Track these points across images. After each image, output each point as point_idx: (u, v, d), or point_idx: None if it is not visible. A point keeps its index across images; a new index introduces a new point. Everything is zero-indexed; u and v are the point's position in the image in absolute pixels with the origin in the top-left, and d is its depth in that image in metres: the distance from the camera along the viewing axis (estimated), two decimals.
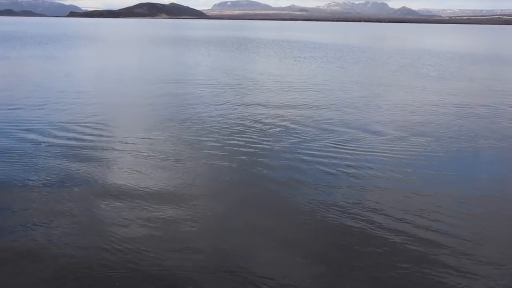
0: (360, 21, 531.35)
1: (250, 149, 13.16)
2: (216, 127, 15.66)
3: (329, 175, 11.16)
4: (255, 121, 16.60)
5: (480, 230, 8.46)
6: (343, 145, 13.69)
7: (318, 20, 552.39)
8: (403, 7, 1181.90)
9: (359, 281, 6.82)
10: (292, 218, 8.83)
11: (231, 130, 15.26)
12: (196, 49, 55.81)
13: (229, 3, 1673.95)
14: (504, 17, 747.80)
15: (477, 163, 12.53)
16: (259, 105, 19.82)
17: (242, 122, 16.49)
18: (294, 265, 7.21)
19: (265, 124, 16.24)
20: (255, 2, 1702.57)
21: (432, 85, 27.77)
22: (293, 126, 16.01)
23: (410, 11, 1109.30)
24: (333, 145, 13.70)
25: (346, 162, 12.09)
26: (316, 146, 13.51)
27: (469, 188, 10.59)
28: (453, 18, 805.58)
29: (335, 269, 7.10)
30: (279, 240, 7.96)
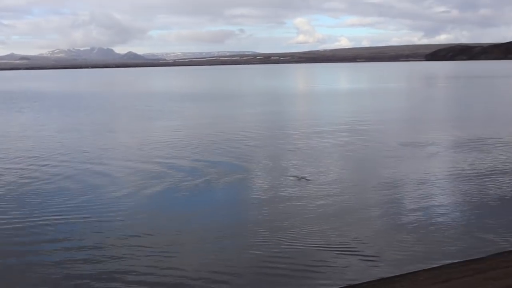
0: (87, 67, 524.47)
1: None
2: None
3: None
4: None
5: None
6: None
7: (42, 68, 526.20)
8: (129, 52, 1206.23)
9: None
10: None
11: None
12: None
13: None
14: (220, 58, 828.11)
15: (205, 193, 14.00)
16: None
17: None
18: None
19: None
20: None
21: (152, 125, 29.54)
22: None
23: (136, 55, 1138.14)
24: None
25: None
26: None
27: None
28: (177, 61, 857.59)
29: None
30: None
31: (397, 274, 8.14)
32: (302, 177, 14.72)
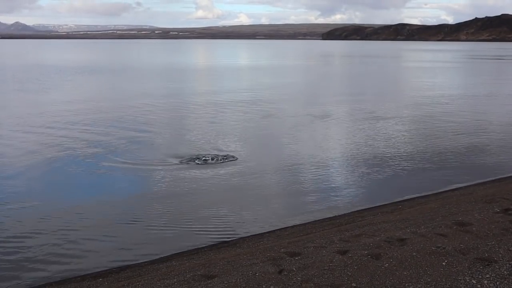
0: None
1: None
2: None
3: None
4: None
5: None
6: None
7: None
8: (16, 22, 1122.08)
9: None
10: None
11: None
12: None
13: None
14: (117, 32, 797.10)
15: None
16: None
17: None
18: None
19: None
20: None
21: (37, 98, 28.37)
22: None
23: (24, 26, 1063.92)
24: None
25: None
26: None
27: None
28: (71, 33, 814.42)
29: None
30: None
31: (266, 231, 8.84)
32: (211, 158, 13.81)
